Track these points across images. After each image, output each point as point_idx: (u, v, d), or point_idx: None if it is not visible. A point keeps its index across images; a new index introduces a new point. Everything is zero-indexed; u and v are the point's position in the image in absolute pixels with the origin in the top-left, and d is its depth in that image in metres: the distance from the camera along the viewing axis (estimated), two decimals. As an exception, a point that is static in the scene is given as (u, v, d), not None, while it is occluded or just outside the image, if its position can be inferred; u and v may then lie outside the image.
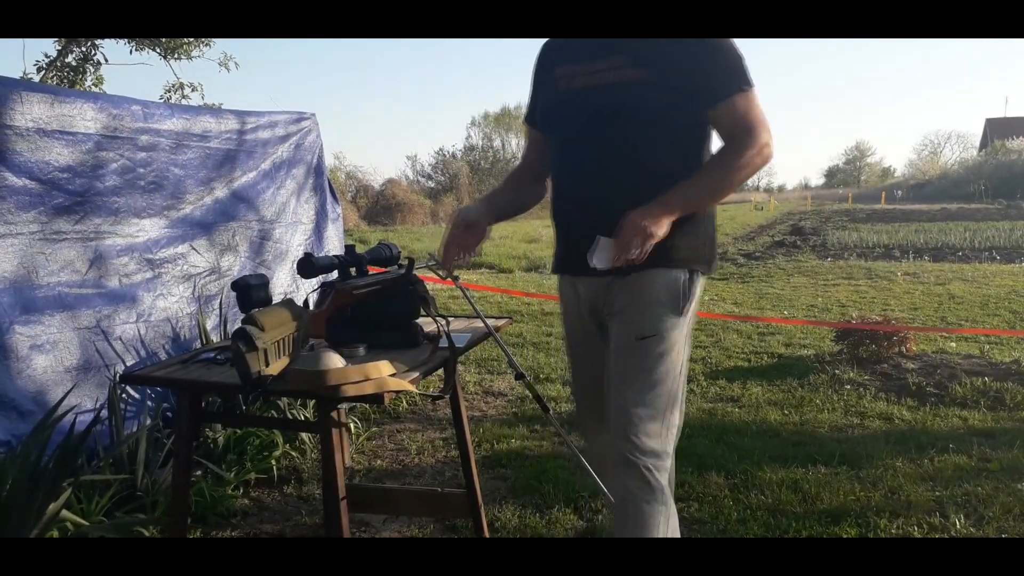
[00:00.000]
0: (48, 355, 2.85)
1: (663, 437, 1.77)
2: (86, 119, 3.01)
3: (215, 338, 3.49)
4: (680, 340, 1.81)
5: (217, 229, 3.76)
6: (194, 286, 3.57)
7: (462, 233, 1.84)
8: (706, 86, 1.73)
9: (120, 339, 3.13)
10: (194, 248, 3.61)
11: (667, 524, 1.74)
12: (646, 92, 1.72)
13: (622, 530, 1.74)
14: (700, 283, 1.85)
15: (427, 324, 2.11)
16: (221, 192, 3.78)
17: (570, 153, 1.86)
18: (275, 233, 4.14)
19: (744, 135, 1.73)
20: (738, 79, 1.74)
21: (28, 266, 2.83)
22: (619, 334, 1.82)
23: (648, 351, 1.77)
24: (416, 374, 1.73)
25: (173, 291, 3.45)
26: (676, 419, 1.81)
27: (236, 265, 3.84)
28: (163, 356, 3.25)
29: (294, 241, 4.27)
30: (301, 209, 4.37)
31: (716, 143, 1.84)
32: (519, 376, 1.99)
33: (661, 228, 1.64)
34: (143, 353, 3.21)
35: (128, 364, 3.10)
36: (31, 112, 2.80)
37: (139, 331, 3.22)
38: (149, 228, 3.37)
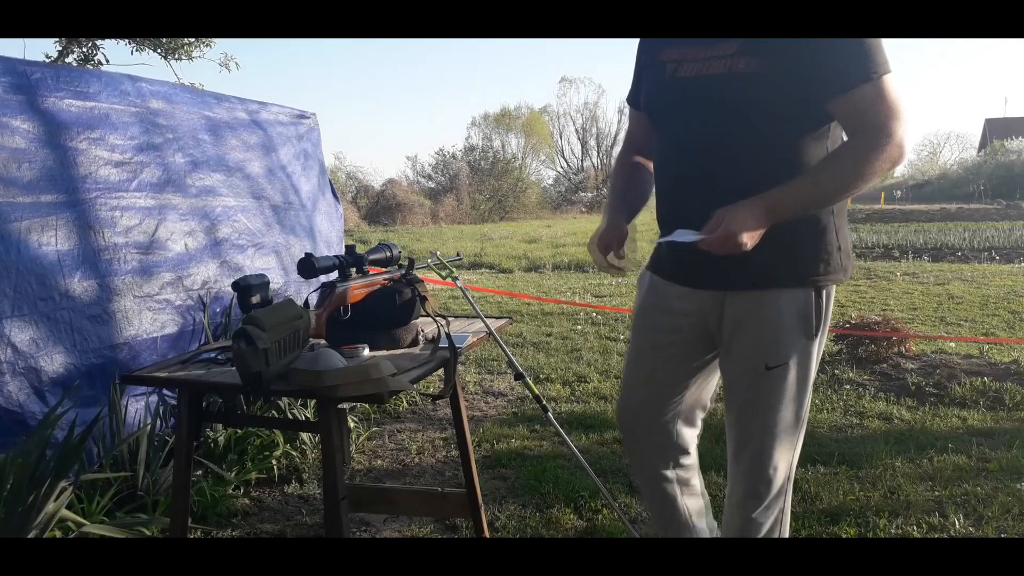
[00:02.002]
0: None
1: (789, 463, 1.77)
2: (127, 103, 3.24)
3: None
4: (811, 364, 1.69)
5: (276, 211, 3.92)
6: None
7: (604, 238, 1.77)
8: (824, 75, 1.51)
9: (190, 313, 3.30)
10: (260, 227, 3.77)
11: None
12: (760, 83, 1.53)
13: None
14: (833, 294, 1.71)
15: (427, 324, 2.12)
16: (265, 174, 3.94)
17: (677, 149, 1.69)
18: (316, 221, 4.27)
19: (867, 131, 1.50)
20: (865, 66, 1.49)
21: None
22: (742, 361, 1.70)
23: (777, 382, 1.67)
24: (416, 374, 1.73)
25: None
26: (800, 441, 1.77)
27: (297, 245, 3.98)
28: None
29: (324, 228, 4.34)
30: (326, 201, 4.46)
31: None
32: (519, 376, 1.98)
33: (754, 241, 1.50)
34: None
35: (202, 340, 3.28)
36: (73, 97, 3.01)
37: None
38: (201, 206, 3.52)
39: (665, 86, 1.69)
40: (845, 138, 1.61)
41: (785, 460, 1.75)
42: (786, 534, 1.85)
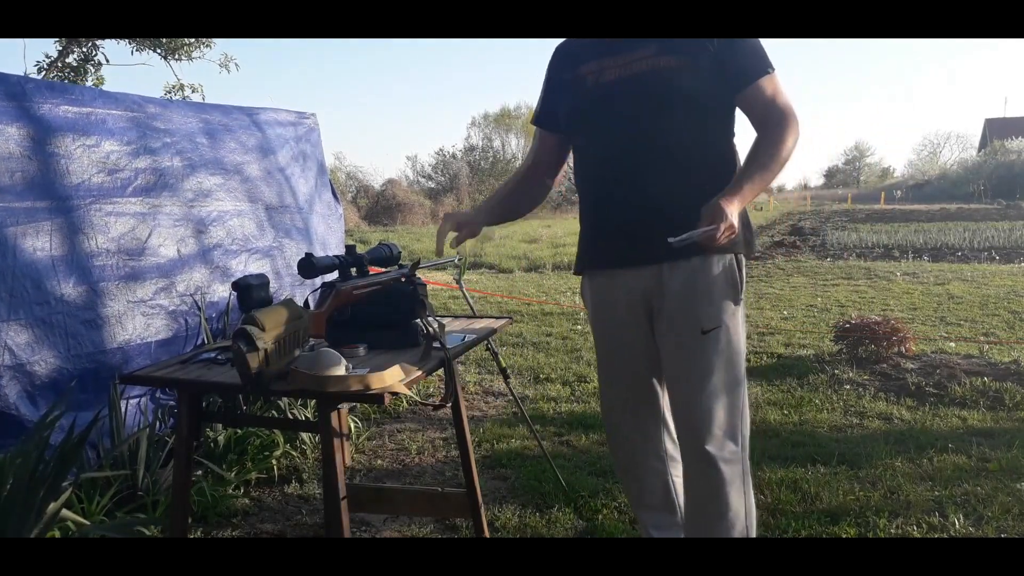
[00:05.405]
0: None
1: (736, 427, 1.83)
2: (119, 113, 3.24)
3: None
4: (740, 330, 1.83)
5: (270, 214, 3.93)
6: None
7: (461, 223, 1.95)
8: (735, 68, 1.75)
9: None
10: (253, 231, 3.77)
11: (748, 516, 1.85)
12: (682, 76, 1.73)
13: (700, 519, 1.84)
14: (744, 267, 1.84)
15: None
16: (263, 176, 3.94)
17: (606, 146, 1.83)
18: (312, 222, 4.26)
19: (781, 118, 1.73)
20: (763, 61, 1.76)
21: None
22: (680, 327, 1.80)
23: (714, 344, 1.77)
24: (415, 375, 1.73)
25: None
26: (745, 405, 1.85)
27: (292, 248, 3.99)
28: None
29: (320, 229, 4.34)
30: (322, 202, 4.45)
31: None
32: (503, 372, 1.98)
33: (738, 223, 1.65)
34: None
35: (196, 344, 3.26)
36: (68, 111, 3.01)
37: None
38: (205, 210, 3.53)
39: (589, 94, 1.83)
40: (756, 130, 1.78)
41: (730, 424, 1.81)
42: (751, 494, 1.88)
